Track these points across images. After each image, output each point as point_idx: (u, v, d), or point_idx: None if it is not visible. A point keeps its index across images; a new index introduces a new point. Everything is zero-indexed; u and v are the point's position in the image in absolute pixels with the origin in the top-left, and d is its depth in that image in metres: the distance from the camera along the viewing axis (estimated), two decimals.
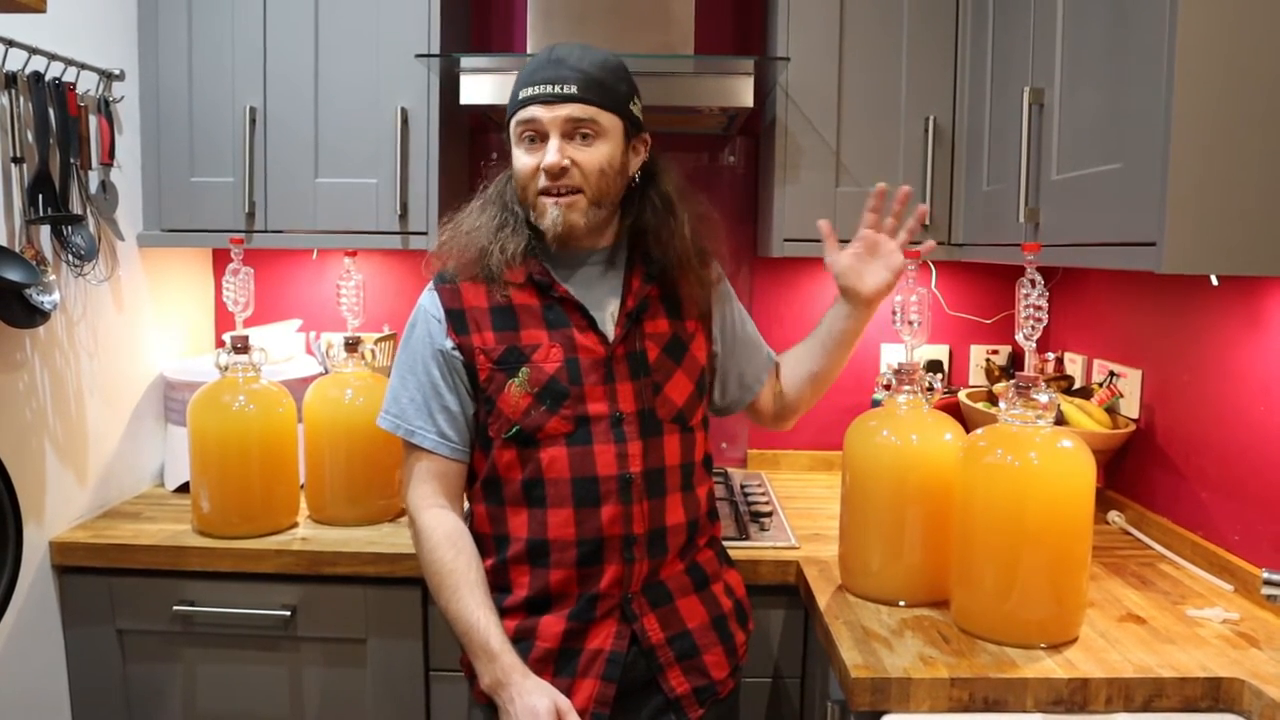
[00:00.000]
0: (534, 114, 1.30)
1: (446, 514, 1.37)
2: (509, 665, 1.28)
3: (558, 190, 1.30)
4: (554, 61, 1.31)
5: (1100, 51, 1.33)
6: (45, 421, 1.75)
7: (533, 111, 1.30)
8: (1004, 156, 1.69)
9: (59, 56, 1.70)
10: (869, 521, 1.49)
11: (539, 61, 1.32)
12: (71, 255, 1.76)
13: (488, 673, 1.29)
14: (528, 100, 1.30)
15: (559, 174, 1.29)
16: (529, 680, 1.27)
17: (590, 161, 1.30)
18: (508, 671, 1.27)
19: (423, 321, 1.38)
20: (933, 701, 1.22)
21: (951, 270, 2.30)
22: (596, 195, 1.32)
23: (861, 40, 1.93)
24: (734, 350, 1.52)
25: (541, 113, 1.29)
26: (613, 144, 1.32)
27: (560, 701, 1.26)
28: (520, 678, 1.27)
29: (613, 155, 1.33)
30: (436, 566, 1.34)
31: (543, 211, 1.32)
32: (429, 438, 1.37)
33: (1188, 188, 1.12)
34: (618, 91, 1.33)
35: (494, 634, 1.29)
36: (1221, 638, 1.35)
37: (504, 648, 1.28)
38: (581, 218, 1.32)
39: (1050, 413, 1.33)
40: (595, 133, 1.31)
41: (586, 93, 1.30)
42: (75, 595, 1.76)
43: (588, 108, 1.30)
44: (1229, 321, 1.58)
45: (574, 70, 1.30)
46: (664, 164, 1.43)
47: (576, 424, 1.32)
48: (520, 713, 1.24)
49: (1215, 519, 1.62)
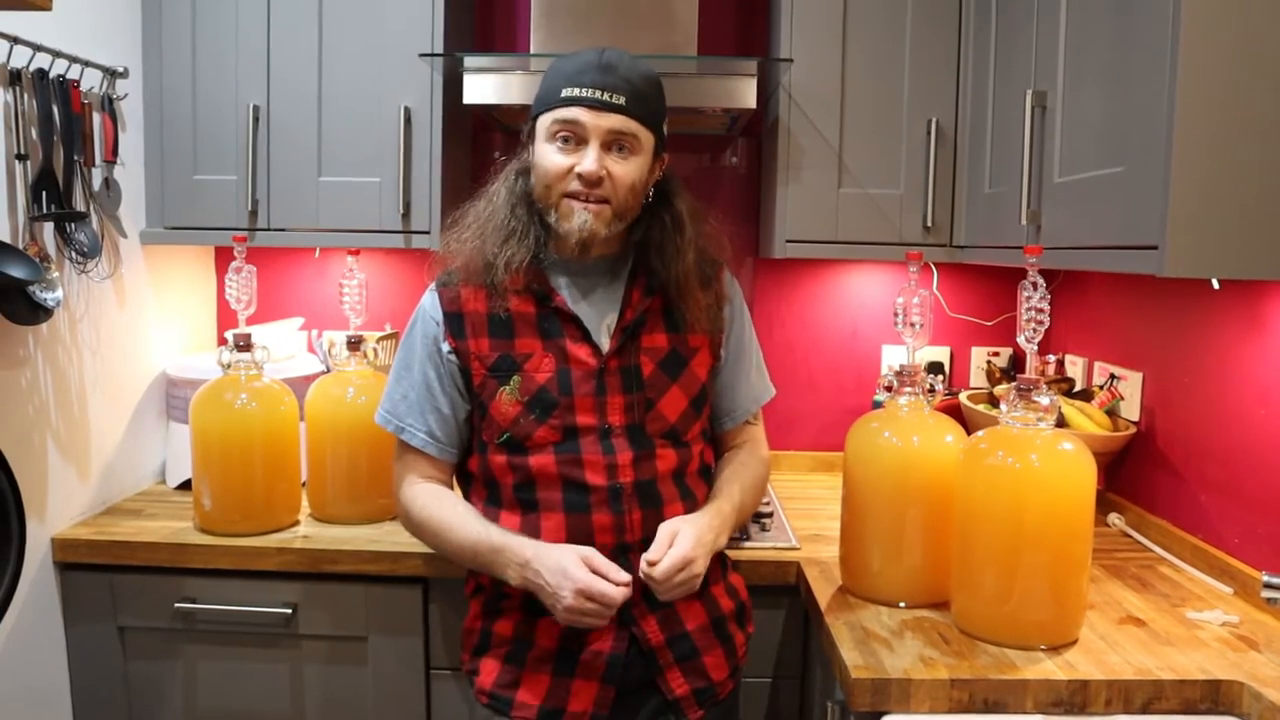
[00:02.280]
0: (577, 116, 1.28)
1: (426, 484, 1.41)
2: (518, 546, 1.28)
3: (586, 196, 1.30)
4: (605, 67, 1.28)
5: (1103, 54, 1.33)
6: (48, 418, 1.75)
7: (575, 113, 1.28)
8: (1006, 159, 1.69)
9: (63, 54, 1.70)
10: (870, 522, 1.49)
11: (587, 62, 1.30)
12: (75, 252, 1.76)
13: (508, 568, 1.29)
14: (571, 100, 1.28)
15: (595, 183, 1.29)
16: (544, 549, 1.27)
17: (624, 176, 1.30)
18: (520, 551, 1.28)
19: (422, 322, 1.39)
20: (933, 702, 1.22)
21: (953, 272, 2.30)
22: (621, 209, 1.32)
23: (864, 42, 1.93)
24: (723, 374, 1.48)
25: (586, 117, 1.28)
26: (645, 160, 1.33)
27: (582, 550, 1.26)
28: (535, 550, 1.27)
29: (643, 171, 1.33)
30: (427, 520, 1.37)
31: (567, 214, 1.31)
32: (418, 436, 1.39)
33: (1190, 191, 1.13)
34: (658, 109, 1.34)
35: (493, 532, 1.31)
36: (1221, 640, 1.35)
37: (505, 538, 1.30)
38: (604, 228, 1.32)
39: (1051, 415, 1.34)
40: (633, 148, 1.30)
41: (633, 106, 1.29)
42: (76, 592, 1.76)
43: (631, 121, 1.29)
44: (1230, 325, 1.59)
45: (624, 81, 1.28)
46: (677, 184, 1.43)
47: (565, 434, 1.33)
48: (551, 580, 1.24)
49: (1215, 522, 1.62)
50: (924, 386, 1.51)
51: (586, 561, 1.24)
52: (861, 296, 2.34)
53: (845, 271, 2.33)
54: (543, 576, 1.24)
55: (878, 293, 2.33)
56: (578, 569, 1.23)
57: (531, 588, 1.27)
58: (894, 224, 1.95)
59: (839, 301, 2.35)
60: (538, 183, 1.33)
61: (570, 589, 1.22)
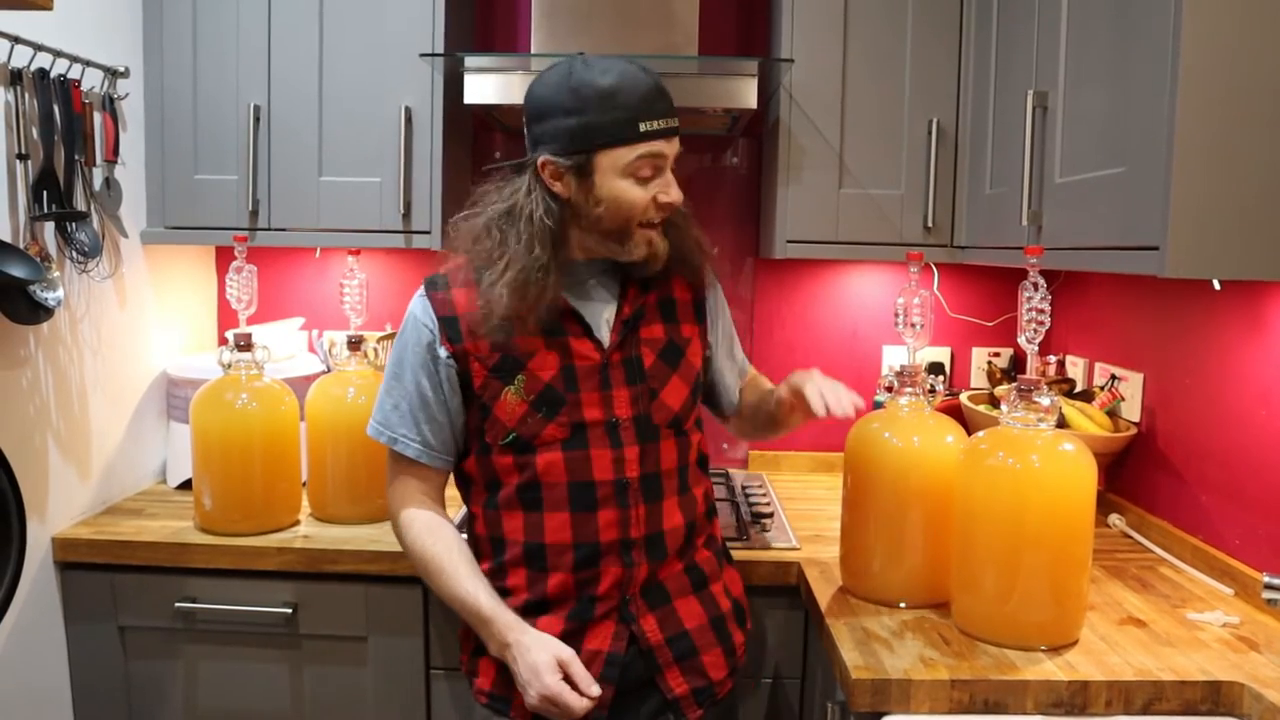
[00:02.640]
0: (661, 149, 1.29)
1: (421, 510, 1.40)
2: (504, 625, 1.29)
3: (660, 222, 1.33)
4: (659, 91, 1.29)
5: (1104, 55, 1.33)
6: (48, 418, 1.75)
7: (660, 146, 1.29)
8: (1007, 159, 1.69)
9: (64, 53, 1.71)
10: (870, 523, 1.49)
11: (647, 89, 1.27)
12: (75, 252, 1.76)
13: (490, 640, 1.31)
14: (653, 134, 1.28)
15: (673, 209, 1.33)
16: (527, 636, 1.28)
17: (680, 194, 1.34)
18: (504, 631, 1.29)
19: (413, 329, 1.38)
20: (933, 703, 1.22)
21: (954, 273, 2.30)
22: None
23: (865, 42, 1.93)
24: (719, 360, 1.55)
25: (666, 148, 1.30)
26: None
27: (561, 653, 1.27)
28: (519, 635, 1.29)
29: None
30: (420, 555, 1.37)
31: (645, 240, 1.33)
32: (412, 446, 1.38)
33: (1191, 192, 1.13)
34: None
35: (483, 600, 1.31)
36: (1222, 641, 1.35)
37: (495, 610, 1.30)
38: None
39: (1052, 416, 1.34)
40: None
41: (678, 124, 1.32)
42: (77, 591, 1.76)
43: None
44: (1231, 326, 1.59)
45: (670, 100, 1.31)
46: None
47: (573, 430, 1.33)
48: (524, 673, 1.26)
49: (1216, 523, 1.62)
50: (924, 387, 1.51)
51: (564, 665, 1.26)
52: (862, 297, 2.34)
53: (846, 272, 2.33)
54: (518, 665, 1.27)
55: (878, 293, 2.33)
56: (550, 674, 1.24)
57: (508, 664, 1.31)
58: (895, 224, 1.95)
59: (839, 302, 2.35)
60: (613, 217, 1.30)
61: (537, 692, 1.25)
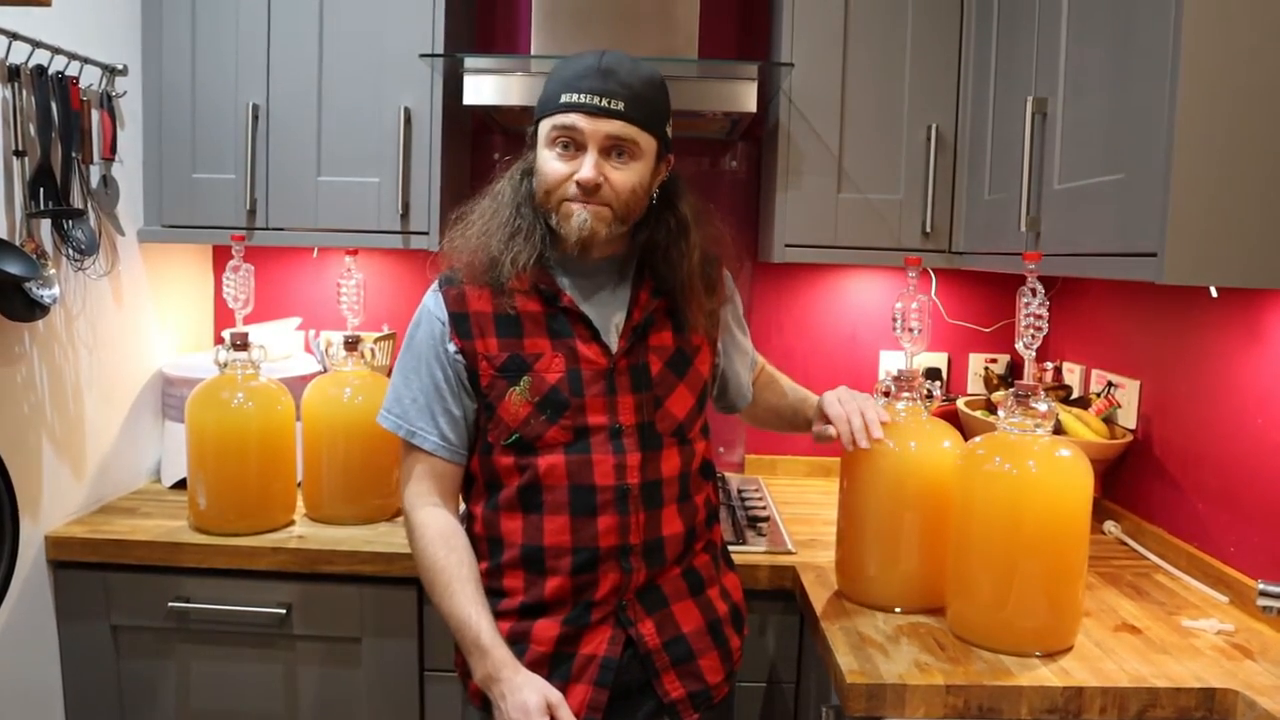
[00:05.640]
0: (574, 122, 1.27)
1: (440, 512, 1.37)
2: (499, 660, 1.28)
3: (585, 202, 1.29)
4: (604, 72, 1.27)
5: (1104, 61, 1.33)
6: (43, 416, 1.75)
7: (573, 120, 1.27)
8: (1006, 165, 1.69)
9: (62, 51, 1.70)
10: (866, 527, 1.49)
11: (586, 66, 1.28)
12: (72, 250, 1.76)
13: (480, 668, 1.29)
14: (570, 106, 1.27)
15: (593, 190, 1.28)
16: (519, 675, 1.27)
17: (624, 182, 1.29)
18: (498, 667, 1.28)
19: (427, 322, 1.38)
20: (928, 708, 1.22)
21: (951, 278, 2.30)
22: (623, 213, 1.31)
23: (865, 47, 1.93)
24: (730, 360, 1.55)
25: (584, 123, 1.27)
26: (646, 164, 1.31)
27: (551, 695, 1.26)
28: (511, 673, 1.27)
29: (644, 175, 1.32)
30: (430, 563, 1.34)
31: (568, 215, 1.30)
32: (430, 439, 1.36)
33: (1189, 199, 1.13)
34: (660, 112, 1.33)
35: (485, 630, 1.29)
36: (1216, 649, 1.35)
37: (494, 643, 1.29)
38: (605, 228, 1.31)
39: (1048, 422, 1.34)
40: (632, 153, 1.29)
41: (632, 111, 1.27)
42: (70, 590, 1.76)
43: (629, 127, 1.28)
44: (1228, 333, 1.59)
45: (623, 86, 1.27)
46: (682, 185, 1.42)
47: (576, 434, 1.32)
48: (511, 709, 1.25)
49: (1211, 530, 1.62)
50: (921, 392, 1.52)
51: (552, 708, 1.25)
52: (860, 302, 2.34)
53: (844, 276, 2.33)
54: (505, 701, 1.26)
55: (876, 298, 2.33)
56: (539, 715, 1.24)
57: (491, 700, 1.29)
58: (893, 229, 1.95)
59: (838, 306, 2.35)
60: (538, 188, 1.32)
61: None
